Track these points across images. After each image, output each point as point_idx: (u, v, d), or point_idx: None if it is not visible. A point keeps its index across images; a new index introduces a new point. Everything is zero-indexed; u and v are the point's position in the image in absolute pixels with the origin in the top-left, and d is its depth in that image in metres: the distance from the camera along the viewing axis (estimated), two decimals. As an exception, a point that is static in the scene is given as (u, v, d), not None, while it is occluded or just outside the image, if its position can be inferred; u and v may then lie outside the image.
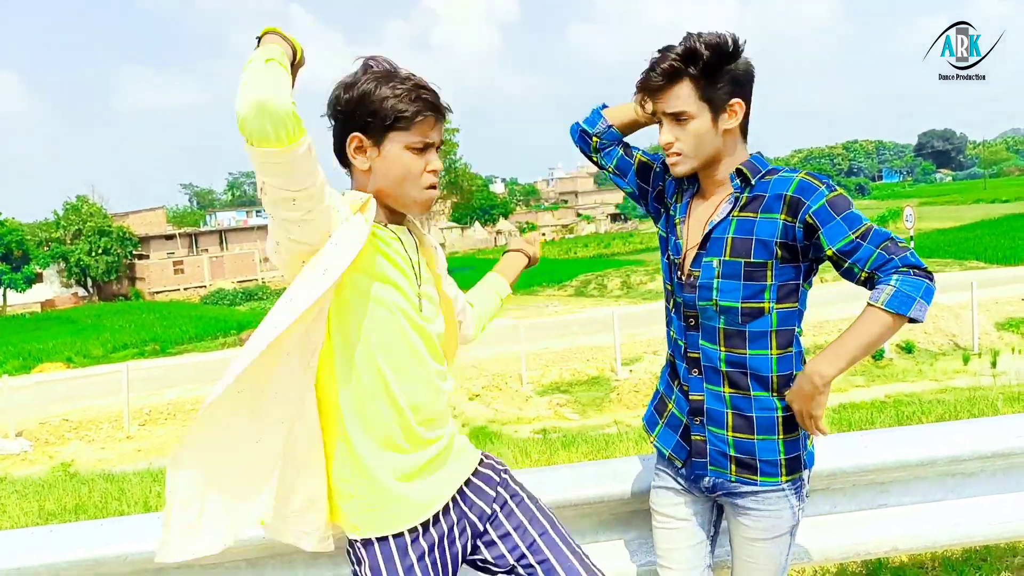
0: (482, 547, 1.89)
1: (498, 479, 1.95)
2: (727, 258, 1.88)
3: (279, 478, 1.72)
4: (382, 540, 1.74)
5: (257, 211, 78.90)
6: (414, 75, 1.76)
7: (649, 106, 1.93)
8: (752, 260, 1.85)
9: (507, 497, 1.93)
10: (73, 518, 4.60)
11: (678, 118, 1.88)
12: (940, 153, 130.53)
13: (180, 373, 22.80)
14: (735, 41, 1.84)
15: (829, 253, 1.79)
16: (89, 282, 59.09)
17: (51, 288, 59.29)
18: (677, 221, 2.03)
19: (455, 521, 1.85)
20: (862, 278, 1.79)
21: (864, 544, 2.48)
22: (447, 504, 1.83)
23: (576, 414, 16.34)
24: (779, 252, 1.84)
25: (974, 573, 2.81)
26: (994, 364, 18.58)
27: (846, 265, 1.79)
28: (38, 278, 57.86)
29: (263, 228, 66.12)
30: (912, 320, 1.72)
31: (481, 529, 1.89)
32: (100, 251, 56.94)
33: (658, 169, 2.15)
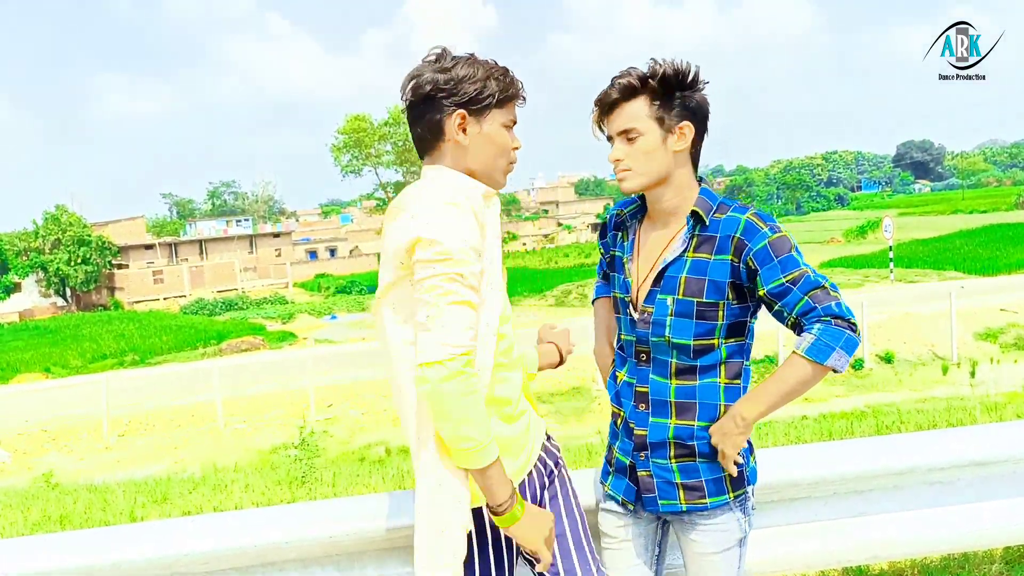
0: None
1: (555, 462, 2.05)
2: (680, 296, 1.93)
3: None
4: None
5: (237, 220, 78.41)
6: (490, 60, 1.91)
7: (605, 127, 2.00)
8: (704, 300, 1.91)
9: (557, 487, 2.03)
10: (58, 528, 4.58)
11: (628, 135, 1.93)
12: (919, 164, 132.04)
13: (159, 383, 22.60)
14: (696, 74, 1.91)
15: (761, 294, 1.87)
16: (68, 292, 58.48)
17: (30, 298, 58.62)
18: (626, 260, 2.07)
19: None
20: (789, 323, 1.86)
21: (845, 552, 2.53)
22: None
23: (557, 424, 16.37)
24: (730, 293, 1.90)
25: (952, 579, 2.87)
26: (973, 374, 18.79)
27: (776, 307, 1.87)
28: (16, 288, 57.22)
29: (243, 238, 65.91)
30: (834, 370, 1.79)
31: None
32: (79, 261, 56.37)
33: (605, 241, 2.22)
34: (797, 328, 1.85)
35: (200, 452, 16.43)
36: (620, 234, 2.14)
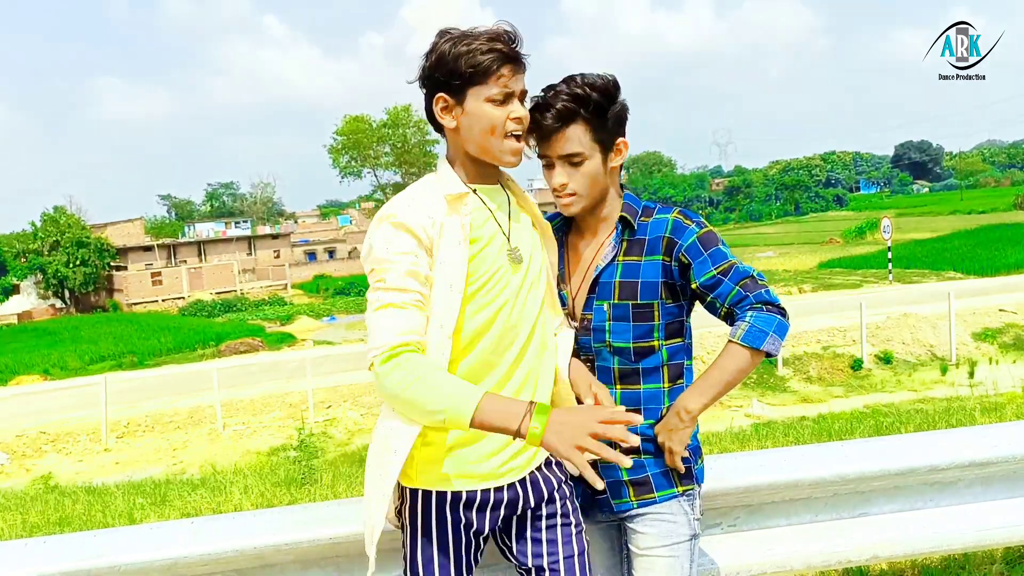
0: (512, 538, 1.92)
1: (557, 485, 1.95)
2: (616, 301, 1.96)
3: None
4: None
5: (235, 222, 78.39)
6: (492, 28, 1.80)
7: (539, 151, 1.95)
8: (639, 302, 1.95)
9: (557, 508, 1.93)
10: (58, 530, 4.57)
11: (571, 160, 1.91)
12: (917, 164, 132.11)
13: (158, 385, 22.60)
14: (615, 82, 1.92)
15: (694, 287, 1.91)
16: (67, 294, 58.46)
17: (28, 300, 58.62)
18: (558, 275, 2.08)
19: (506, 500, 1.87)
20: (722, 313, 1.91)
21: (845, 552, 2.53)
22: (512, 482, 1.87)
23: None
24: (663, 292, 1.94)
25: (952, 580, 2.87)
26: (971, 375, 18.79)
27: (709, 299, 1.92)
28: (15, 290, 57.23)
29: (242, 239, 65.87)
30: (767, 355, 1.83)
31: (519, 521, 1.91)
32: (78, 262, 56.37)
33: None
34: (730, 318, 1.91)
35: (199, 454, 16.41)
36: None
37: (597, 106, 1.88)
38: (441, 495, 1.83)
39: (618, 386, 1.99)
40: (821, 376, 19.85)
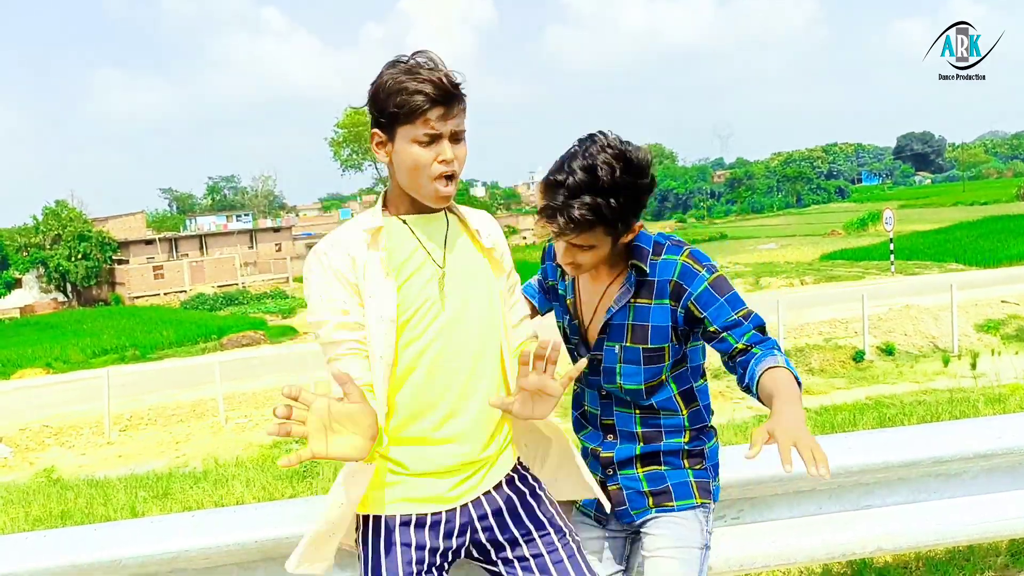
0: (498, 562, 1.88)
1: (520, 502, 1.91)
2: (628, 344, 1.94)
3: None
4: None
5: (237, 215, 78.39)
6: (427, 63, 1.72)
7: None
8: (650, 346, 1.92)
9: (530, 527, 1.89)
10: (60, 524, 4.57)
11: (581, 248, 1.84)
12: (919, 156, 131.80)
13: (161, 378, 22.63)
14: (644, 169, 1.77)
15: (712, 329, 1.85)
16: (69, 287, 58.50)
17: (30, 293, 58.64)
18: (568, 302, 2.06)
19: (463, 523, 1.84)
20: (738, 348, 1.82)
21: (849, 544, 2.52)
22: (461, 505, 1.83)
23: (559, 418, 16.39)
24: (672, 336, 1.91)
25: (957, 573, 2.86)
26: (974, 366, 18.78)
27: (722, 335, 1.84)
28: (17, 283, 57.24)
29: (243, 232, 65.87)
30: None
31: (496, 544, 1.87)
32: (80, 256, 56.39)
33: (547, 266, 2.17)
34: (742, 354, 1.82)
35: (202, 447, 16.44)
36: (560, 270, 2.09)
37: (619, 213, 1.76)
38: (391, 519, 1.81)
39: (637, 412, 2.01)
40: (823, 368, 19.85)
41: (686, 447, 2.02)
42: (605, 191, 1.73)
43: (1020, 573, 2.91)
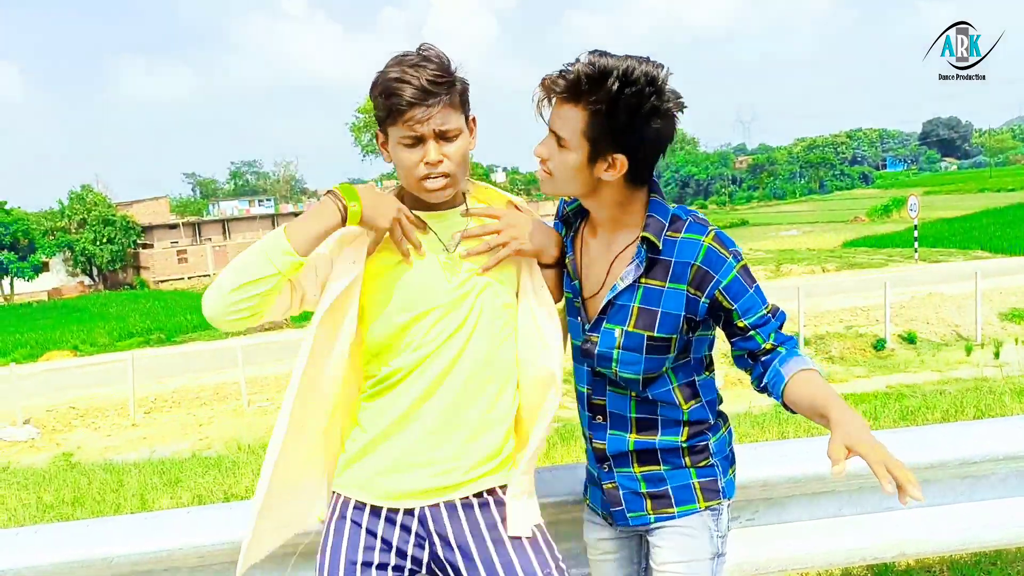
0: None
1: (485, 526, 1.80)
2: (630, 329, 1.72)
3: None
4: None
5: (259, 200, 78.82)
6: (416, 62, 1.67)
7: (544, 113, 1.69)
8: (656, 335, 1.71)
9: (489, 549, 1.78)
10: (71, 510, 4.57)
11: (558, 139, 1.66)
12: (945, 142, 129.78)
13: (185, 362, 22.83)
14: (652, 77, 1.56)
15: (743, 325, 1.69)
16: (95, 271, 59.21)
17: (57, 277, 59.42)
18: (568, 259, 1.86)
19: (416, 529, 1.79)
20: (765, 348, 1.70)
21: (870, 549, 2.42)
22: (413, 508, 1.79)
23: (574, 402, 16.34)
24: (684, 326, 1.71)
25: (982, 576, 2.76)
26: (997, 355, 18.48)
27: (750, 333, 1.70)
28: (44, 267, 57.98)
29: (266, 217, 66.21)
30: None
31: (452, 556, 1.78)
32: (105, 240, 57.02)
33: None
34: (766, 353, 1.71)
35: (224, 430, 16.57)
36: (563, 228, 1.92)
37: (608, 102, 1.56)
38: (347, 501, 1.82)
39: (632, 394, 1.80)
40: (843, 356, 19.63)
41: (684, 444, 1.81)
42: (591, 72, 1.56)
43: (1050, 580, 2.80)
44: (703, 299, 1.68)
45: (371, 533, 1.78)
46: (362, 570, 1.75)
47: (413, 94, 1.64)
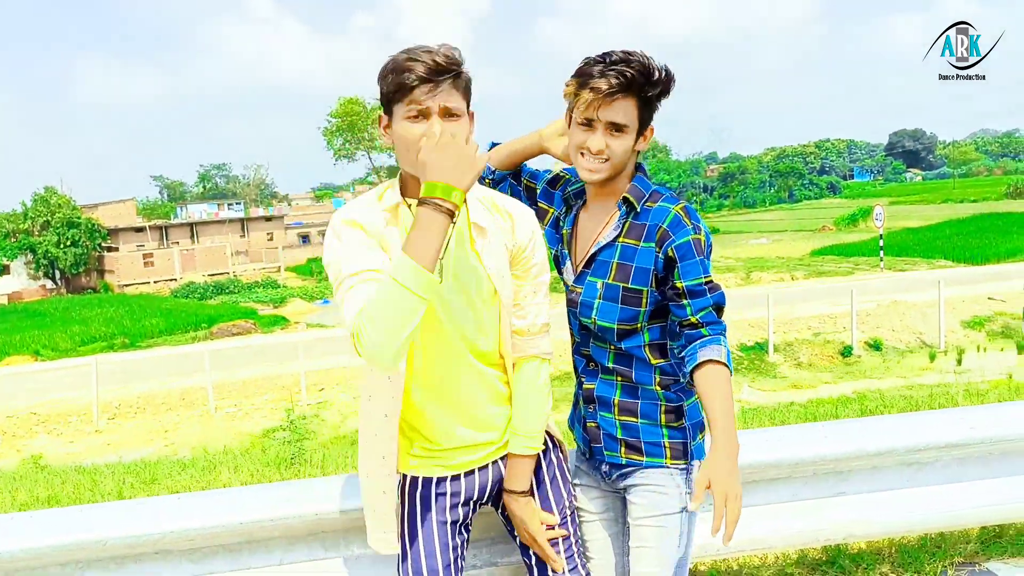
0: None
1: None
2: (610, 281, 1.99)
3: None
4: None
5: (228, 204, 78.04)
6: (426, 47, 1.80)
7: (587, 111, 1.93)
8: (630, 286, 1.97)
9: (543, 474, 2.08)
10: (47, 508, 4.59)
11: (618, 128, 1.93)
12: (910, 153, 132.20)
13: (150, 367, 22.59)
14: (671, 75, 1.95)
15: (679, 286, 1.90)
16: (57, 274, 58.16)
17: (18, 280, 58.26)
18: (565, 232, 2.14)
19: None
20: (690, 320, 1.90)
21: (824, 531, 2.58)
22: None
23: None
24: (653, 281, 1.95)
25: (929, 560, 2.91)
26: (959, 362, 18.95)
27: (683, 302, 1.90)
28: (5, 270, 56.86)
29: (235, 221, 65.51)
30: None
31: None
32: (68, 243, 56.03)
33: (542, 187, 2.25)
34: (691, 328, 1.89)
35: (190, 436, 16.45)
36: (565, 208, 2.19)
37: (655, 87, 1.92)
38: (427, 480, 1.98)
39: (611, 348, 2.03)
40: (812, 362, 20.00)
41: (663, 400, 2.02)
42: (646, 69, 1.89)
43: (990, 560, 2.96)
44: (660, 254, 1.93)
45: (454, 496, 2.00)
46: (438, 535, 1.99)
47: (424, 70, 1.76)
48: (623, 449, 2.06)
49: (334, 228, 1.82)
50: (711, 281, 1.91)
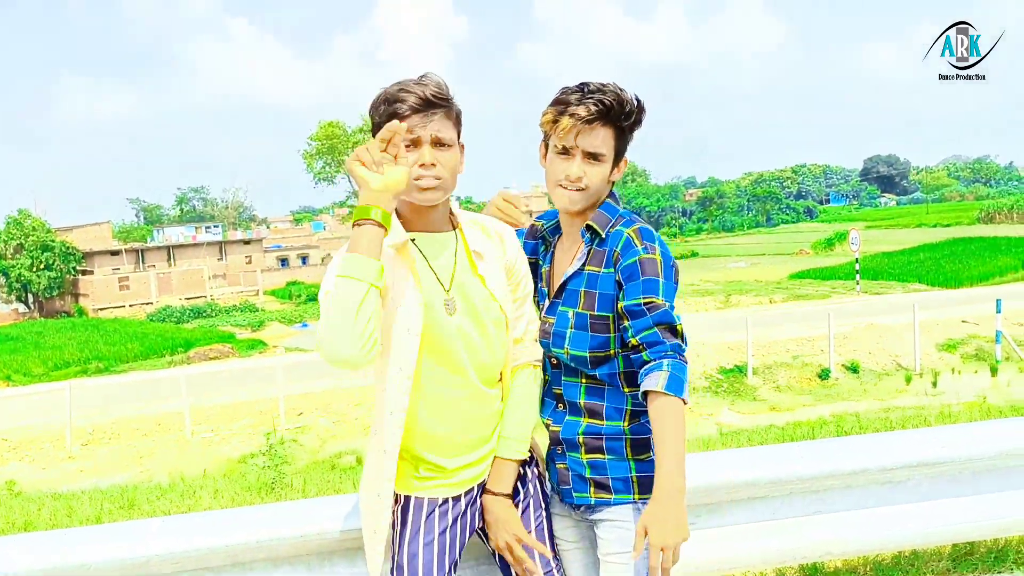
0: None
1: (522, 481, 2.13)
2: (579, 310, 2.01)
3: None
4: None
5: (206, 227, 77.61)
6: (418, 79, 1.89)
7: (565, 138, 1.96)
8: (596, 313, 1.98)
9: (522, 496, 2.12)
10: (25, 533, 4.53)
11: (595, 157, 1.97)
12: (885, 178, 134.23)
13: (125, 392, 22.30)
14: (643, 106, 2.00)
15: (619, 307, 1.92)
16: (30, 298, 57.41)
17: (-9, 304, 57.46)
18: (544, 269, 2.17)
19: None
20: (633, 343, 1.87)
21: (801, 549, 2.62)
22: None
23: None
24: (619, 305, 1.94)
25: (904, 578, 2.97)
26: (935, 384, 19.19)
27: (624, 324, 1.90)
28: (-23, 294, 56.07)
29: (212, 244, 65.09)
30: (684, 402, 1.80)
31: None
32: (42, 266, 55.36)
33: (522, 243, 2.25)
34: (635, 351, 1.87)
35: (167, 461, 16.24)
36: (544, 246, 2.20)
37: (628, 118, 1.97)
38: (427, 501, 2.01)
39: (584, 381, 2.04)
40: (790, 385, 20.15)
41: (629, 435, 2.01)
42: (623, 100, 1.94)
43: (962, 577, 3.03)
44: (615, 277, 1.95)
45: (445, 516, 2.03)
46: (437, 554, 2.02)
47: (416, 102, 1.84)
48: (592, 489, 2.04)
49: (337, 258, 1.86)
50: (652, 301, 1.85)
